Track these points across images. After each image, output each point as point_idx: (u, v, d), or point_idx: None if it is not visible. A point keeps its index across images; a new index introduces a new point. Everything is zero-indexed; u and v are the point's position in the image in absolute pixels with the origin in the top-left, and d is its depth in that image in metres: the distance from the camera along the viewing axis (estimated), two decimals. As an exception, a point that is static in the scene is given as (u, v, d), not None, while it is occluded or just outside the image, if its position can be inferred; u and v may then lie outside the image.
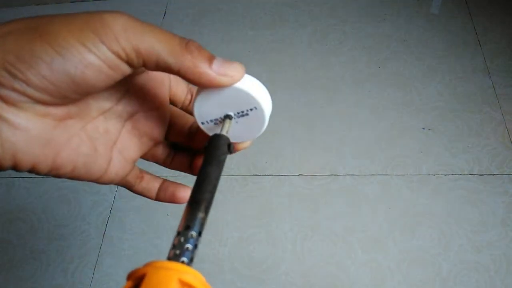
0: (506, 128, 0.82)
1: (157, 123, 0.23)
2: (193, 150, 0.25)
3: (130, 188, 0.25)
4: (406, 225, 0.74)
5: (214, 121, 0.22)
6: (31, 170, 0.19)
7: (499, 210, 0.74)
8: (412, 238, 0.73)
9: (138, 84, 0.22)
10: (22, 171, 0.18)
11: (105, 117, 0.21)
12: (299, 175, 0.82)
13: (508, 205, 0.74)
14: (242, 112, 0.21)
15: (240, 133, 0.22)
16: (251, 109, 0.21)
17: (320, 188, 0.80)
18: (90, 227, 0.82)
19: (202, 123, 0.22)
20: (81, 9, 1.17)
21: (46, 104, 0.17)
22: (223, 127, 0.21)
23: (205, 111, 0.21)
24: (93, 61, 0.17)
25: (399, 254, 0.72)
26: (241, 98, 0.20)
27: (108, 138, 0.22)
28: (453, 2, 1.02)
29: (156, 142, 0.24)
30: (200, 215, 0.18)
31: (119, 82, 0.19)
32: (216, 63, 0.18)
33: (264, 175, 0.83)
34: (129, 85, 0.21)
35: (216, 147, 0.20)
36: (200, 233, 0.18)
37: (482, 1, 1.01)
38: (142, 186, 0.25)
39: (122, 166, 0.23)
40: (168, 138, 0.25)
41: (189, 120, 0.24)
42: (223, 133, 0.21)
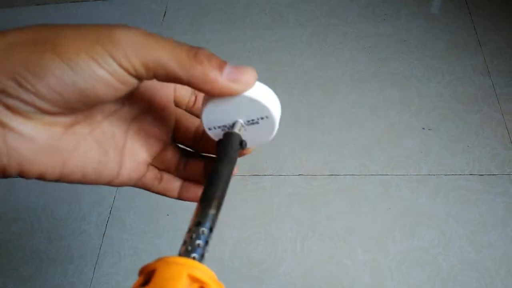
0: (506, 128, 0.82)
1: (163, 124, 0.23)
2: (206, 157, 0.25)
3: (149, 189, 0.24)
4: (406, 225, 0.74)
5: (222, 128, 0.21)
6: (39, 178, 0.19)
7: (499, 210, 0.74)
8: (412, 238, 0.73)
9: (143, 86, 0.22)
10: (30, 179, 0.19)
11: (110, 121, 0.21)
12: (299, 175, 0.82)
13: (508, 205, 0.74)
14: (253, 121, 0.21)
15: (248, 140, 0.22)
16: (262, 118, 0.20)
17: (320, 188, 0.80)
18: (90, 227, 0.82)
19: (209, 129, 0.21)
20: (81, 9, 1.17)
21: (53, 114, 0.18)
22: (235, 125, 0.21)
23: (214, 118, 0.21)
24: (103, 76, 0.17)
25: (399, 254, 0.72)
26: (253, 107, 0.20)
27: (116, 142, 0.22)
28: (453, 2, 1.02)
29: (165, 144, 0.24)
30: (212, 212, 0.18)
31: None
32: (227, 70, 0.18)
33: (264, 175, 0.83)
34: (134, 88, 0.22)
35: (229, 144, 0.20)
36: (212, 230, 0.18)
37: (482, 1, 1.01)
38: (162, 187, 0.24)
39: (135, 169, 0.23)
40: (176, 140, 0.25)
41: (195, 122, 0.24)
42: (235, 131, 0.21)
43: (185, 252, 0.17)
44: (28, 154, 0.17)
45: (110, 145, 0.21)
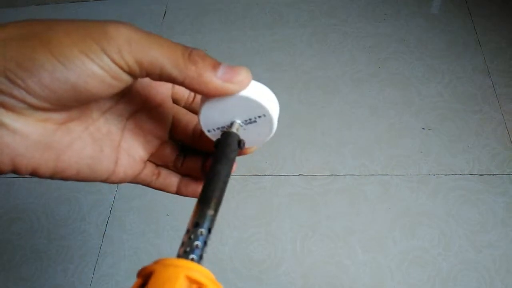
0: (506, 128, 0.82)
1: (160, 121, 0.23)
2: (203, 153, 0.25)
3: (147, 185, 0.24)
4: (406, 225, 0.74)
5: (221, 129, 0.21)
6: (33, 174, 0.19)
7: (499, 210, 0.74)
8: (412, 238, 0.73)
9: (139, 83, 0.22)
10: (23, 175, 0.18)
11: (106, 118, 0.21)
12: (299, 175, 0.82)
13: (508, 205, 0.74)
14: (250, 120, 0.20)
15: (247, 139, 0.22)
16: (259, 117, 0.20)
17: (320, 188, 0.80)
18: (90, 227, 0.82)
19: (208, 131, 0.21)
20: (81, 9, 1.17)
21: (46, 111, 0.17)
22: (233, 125, 0.21)
23: (212, 119, 0.20)
24: (96, 72, 0.16)
25: (399, 254, 0.72)
26: (249, 106, 0.20)
27: (112, 139, 0.22)
28: (453, 2, 1.02)
29: (162, 141, 0.24)
30: (210, 212, 0.18)
31: None
32: (222, 70, 0.18)
33: (264, 175, 0.83)
34: (130, 85, 0.21)
35: (227, 144, 0.20)
36: (210, 230, 0.18)
37: (482, 1, 1.01)
38: (160, 182, 0.24)
39: (131, 166, 0.22)
40: (173, 138, 0.24)
41: (193, 119, 0.24)
42: (233, 130, 0.20)
43: (183, 254, 0.17)
44: (21, 150, 0.17)
45: (106, 142, 0.21)
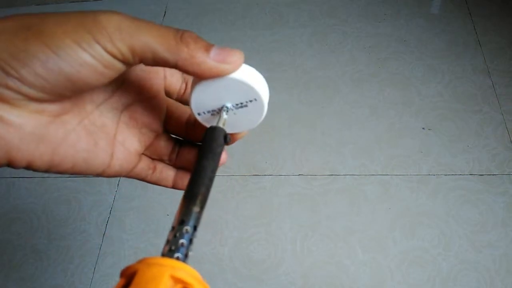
0: (506, 128, 0.82)
1: (154, 113, 0.23)
2: (198, 145, 0.25)
3: (143, 180, 0.24)
4: (406, 225, 0.74)
5: (211, 112, 0.21)
6: (28, 167, 0.19)
7: (499, 210, 0.74)
8: (412, 238, 0.73)
9: (133, 75, 0.22)
10: (18, 168, 0.18)
11: (101, 111, 0.21)
12: (299, 175, 0.82)
13: (508, 205, 0.74)
14: (241, 104, 0.20)
15: (238, 124, 0.22)
16: (251, 101, 0.20)
17: (320, 188, 0.80)
18: (90, 227, 0.82)
19: (199, 114, 0.21)
20: (81, 9, 1.17)
21: (40, 101, 0.17)
22: (220, 119, 0.21)
23: (202, 102, 0.20)
24: (88, 60, 0.17)
25: (399, 254, 0.72)
26: (241, 90, 0.20)
27: (107, 132, 0.22)
28: (453, 2, 1.02)
29: (157, 133, 0.24)
30: (195, 209, 0.18)
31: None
32: (214, 51, 0.18)
33: (264, 175, 0.83)
34: (124, 77, 0.21)
35: (212, 139, 0.20)
36: (196, 228, 0.17)
37: (482, 1, 1.01)
38: (156, 176, 0.24)
39: (126, 159, 0.22)
40: (168, 130, 0.25)
41: (186, 111, 0.24)
42: (219, 125, 0.20)
43: (168, 252, 0.16)
44: (15, 142, 0.17)
45: (101, 135, 0.21)
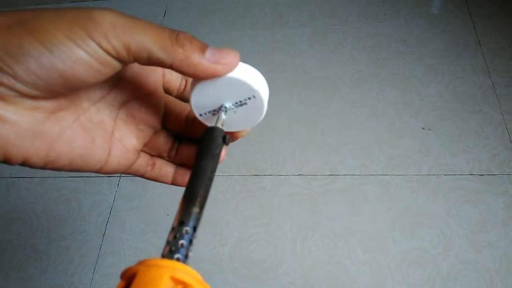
0: (506, 128, 0.82)
1: (152, 109, 0.23)
2: (197, 142, 0.25)
3: (142, 176, 0.24)
4: (406, 225, 0.74)
5: (212, 112, 0.21)
6: (24, 163, 0.19)
7: (499, 210, 0.74)
8: (412, 238, 0.73)
9: (130, 72, 0.22)
10: (14, 165, 0.18)
11: (98, 108, 0.21)
12: (299, 175, 0.82)
13: (508, 205, 0.74)
14: (240, 102, 0.20)
15: (239, 122, 0.22)
16: (249, 98, 0.20)
17: (320, 188, 0.80)
18: (90, 227, 0.82)
19: (200, 115, 0.21)
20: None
21: (35, 98, 0.17)
22: (218, 119, 0.21)
23: (202, 103, 0.21)
24: (82, 57, 0.16)
25: (399, 254, 0.72)
26: (238, 88, 0.20)
27: (104, 128, 0.21)
28: (453, 2, 1.02)
29: (155, 130, 0.24)
30: (195, 210, 0.18)
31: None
32: (209, 52, 0.18)
33: (264, 175, 0.83)
34: (121, 74, 0.21)
35: (211, 140, 0.20)
36: (195, 229, 0.17)
37: (482, 1, 1.01)
38: (155, 173, 0.24)
39: (124, 156, 0.22)
40: (167, 127, 0.24)
41: (186, 108, 0.24)
42: (218, 125, 0.20)
43: (168, 253, 0.16)
44: (11, 138, 0.17)
45: (98, 132, 0.21)
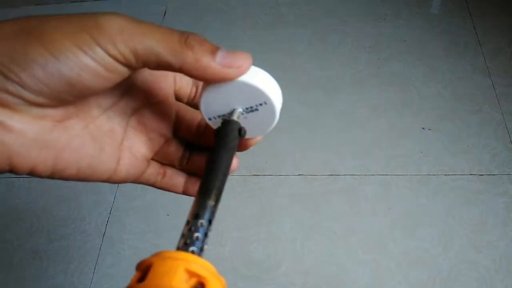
0: (506, 128, 0.82)
1: (164, 117, 0.22)
2: (209, 149, 0.24)
3: (152, 185, 0.24)
4: (406, 225, 0.74)
5: (222, 117, 0.20)
6: (31, 173, 0.18)
7: (499, 210, 0.74)
8: (412, 238, 0.73)
9: (141, 79, 0.21)
10: (21, 174, 0.18)
11: (108, 115, 0.21)
12: (299, 175, 0.82)
13: (508, 205, 0.74)
14: (251, 108, 0.20)
15: (249, 129, 0.21)
16: (261, 104, 0.20)
17: (320, 188, 0.80)
18: (90, 227, 0.82)
19: (209, 119, 0.21)
20: (82, 10, 1.17)
21: (42, 106, 0.17)
22: (234, 113, 0.20)
23: (212, 107, 0.20)
24: (89, 64, 0.16)
25: (399, 254, 0.72)
26: (250, 93, 0.19)
27: (114, 137, 0.21)
28: (453, 2, 1.02)
29: (166, 138, 0.23)
30: (210, 203, 0.18)
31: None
32: (220, 55, 0.18)
33: (264, 175, 0.83)
34: (131, 81, 0.21)
35: (227, 133, 0.19)
36: (211, 222, 0.17)
37: (482, 1, 1.01)
38: (166, 182, 0.24)
39: (134, 165, 0.22)
40: (178, 135, 0.24)
41: (197, 115, 0.23)
42: (234, 118, 0.20)
43: (183, 246, 0.16)
44: (17, 148, 0.17)
45: (107, 141, 0.21)
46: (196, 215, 0.17)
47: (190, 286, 0.15)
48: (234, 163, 0.22)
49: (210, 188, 0.18)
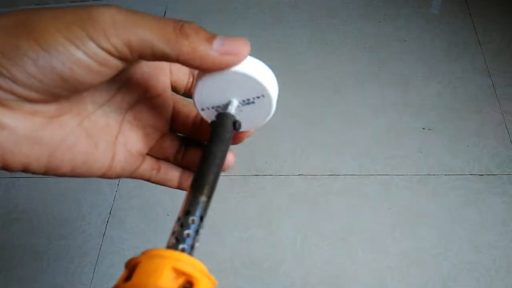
0: (506, 128, 0.82)
1: (160, 112, 0.22)
2: (204, 143, 0.24)
3: (147, 180, 0.23)
4: (406, 225, 0.74)
5: (216, 108, 0.20)
6: (24, 170, 0.18)
7: (499, 210, 0.74)
8: (412, 238, 0.73)
9: (137, 72, 0.21)
10: (14, 171, 0.18)
11: (104, 111, 0.20)
12: (299, 175, 0.82)
13: (508, 205, 0.74)
14: (248, 100, 0.19)
15: (244, 122, 0.20)
16: (258, 97, 0.19)
17: (320, 188, 0.80)
18: (90, 227, 0.82)
19: (202, 109, 0.20)
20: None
21: (35, 102, 0.17)
22: (229, 105, 0.19)
23: (206, 97, 0.19)
24: (81, 58, 0.16)
25: (399, 254, 0.72)
26: (248, 85, 0.18)
27: (109, 133, 0.21)
28: (453, 2, 1.02)
29: (162, 133, 0.23)
30: (202, 199, 0.17)
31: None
32: (217, 42, 0.17)
33: (264, 175, 0.83)
34: (128, 74, 0.20)
35: (221, 125, 0.19)
36: (202, 218, 0.17)
37: (482, 1, 1.01)
38: (161, 177, 0.23)
39: (129, 161, 0.22)
40: (174, 129, 0.23)
41: (194, 109, 0.23)
42: (229, 111, 0.19)
43: (173, 244, 0.16)
44: (10, 145, 0.17)
45: (102, 137, 0.20)
46: (187, 212, 0.17)
47: (178, 285, 0.14)
48: (231, 159, 0.21)
49: (203, 183, 0.17)
